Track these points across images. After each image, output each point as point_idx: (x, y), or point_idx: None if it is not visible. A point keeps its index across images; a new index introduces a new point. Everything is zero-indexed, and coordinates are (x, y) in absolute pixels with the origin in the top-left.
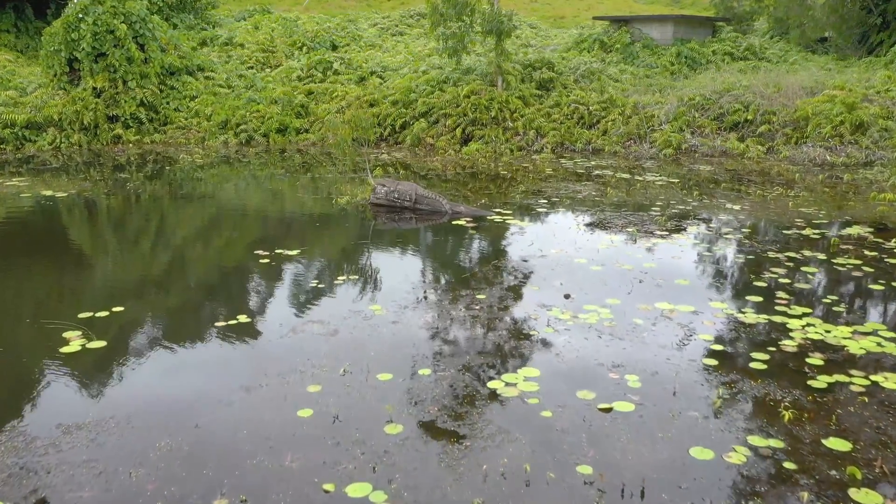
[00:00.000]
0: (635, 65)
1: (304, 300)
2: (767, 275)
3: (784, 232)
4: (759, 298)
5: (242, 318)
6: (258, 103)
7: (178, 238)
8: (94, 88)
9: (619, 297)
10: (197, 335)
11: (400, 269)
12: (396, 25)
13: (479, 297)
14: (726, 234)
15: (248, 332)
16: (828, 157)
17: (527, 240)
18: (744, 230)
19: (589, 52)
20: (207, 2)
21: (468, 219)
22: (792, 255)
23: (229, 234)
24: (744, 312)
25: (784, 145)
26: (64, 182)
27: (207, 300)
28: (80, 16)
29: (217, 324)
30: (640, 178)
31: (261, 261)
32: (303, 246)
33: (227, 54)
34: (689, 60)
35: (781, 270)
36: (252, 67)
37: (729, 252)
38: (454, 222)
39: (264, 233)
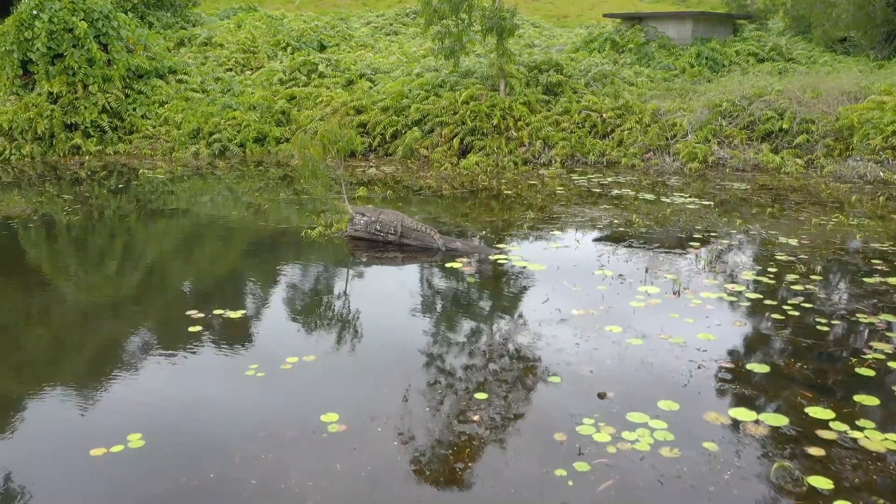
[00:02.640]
0: (651, 66)
1: (230, 405)
2: (870, 354)
3: (865, 280)
4: (875, 401)
5: (134, 441)
6: (234, 109)
7: (97, 291)
8: (50, 93)
9: (676, 397)
10: (59, 475)
11: (372, 346)
12: (391, 24)
13: (478, 397)
14: (793, 283)
15: (132, 476)
16: (881, 174)
17: (539, 292)
18: (813, 277)
19: (599, 52)
20: None
21: (465, 259)
22: (889, 318)
23: (162, 284)
24: (862, 429)
25: (826, 158)
26: None
27: (94, 407)
28: (35, 12)
29: (93, 451)
30: (668, 200)
31: (190, 329)
32: (252, 303)
33: (203, 55)
34: (710, 62)
35: (887, 347)
36: (231, 69)
37: (806, 315)
38: (448, 264)
39: (208, 282)
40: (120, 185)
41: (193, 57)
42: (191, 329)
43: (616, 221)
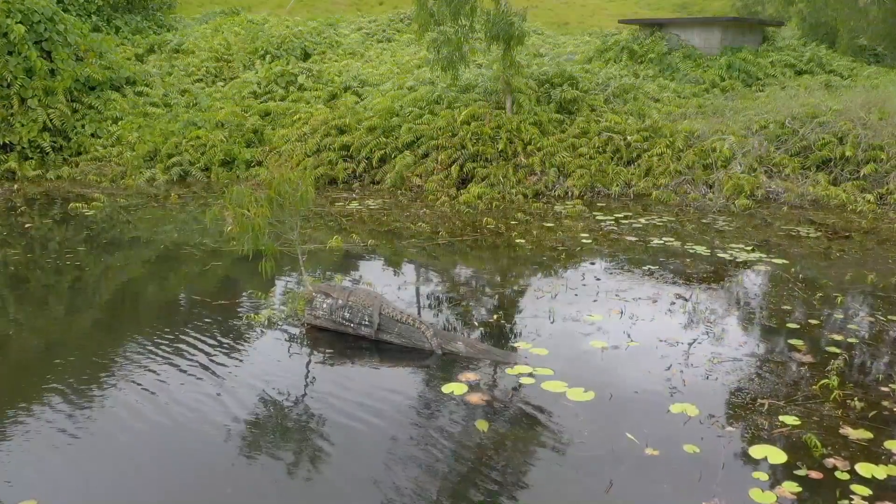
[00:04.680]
0: (676, 79)
1: None
2: None
3: None
4: None
5: None
6: (199, 127)
7: None
8: None
9: None
10: None
11: None
12: (384, 30)
13: None
14: None
15: None
16: None
17: (595, 462)
18: None
19: (616, 62)
20: (161, 1)
21: (470, 374)
22: None
23: None
24: None
25: None
26: None
27: None
28: None
29: None
30: (727, 256)
31: None
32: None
33: (170, 63)
34: (743, 74)
35: None
36: (200, 80)
37: None
38: (445, 386)
39: (37, 431)
40: (27, 225)
41: (161, 66)
42: None
43: (669, 297)
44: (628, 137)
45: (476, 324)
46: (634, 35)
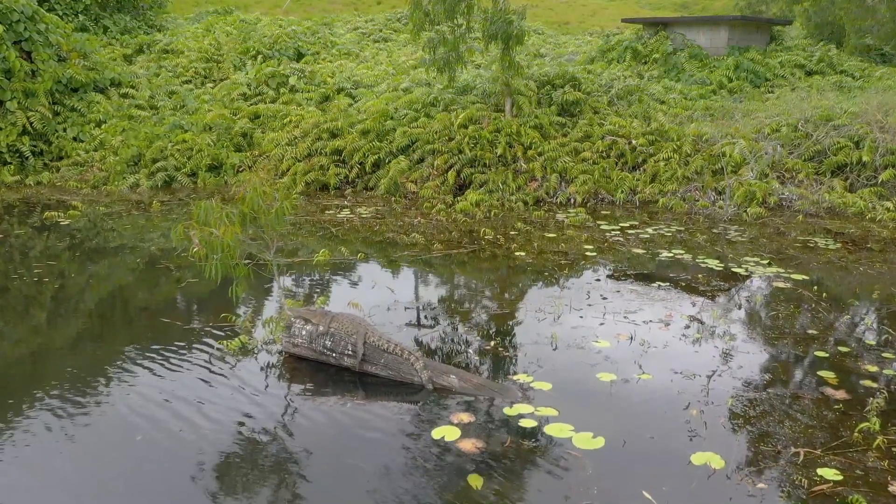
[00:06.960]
0: (682, 80)
1: None
2: None
3: None
4: None
5: None
6: (185, 130)
7: None
8: None
9: None
10: None
11: None
12: (380, 30)
13: None
14: None
15: None
16: None
17: None
18: None
19: (619, 62)
20: (152, 0)
21: (464, 415)
22: None
23: None
24: None
25: None
26: None
27: None
28: None
29: None
30: (742, 271)
31: None
32: None
33: (159, 64)
34: (751, 74)
35: None
36: (189, 81)
37: None
38: (436, 430)
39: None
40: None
41: (148, 67)
42: None
43: (683, 320)
44: (633, 141)
45: (471, 352)
46: (638, 34)
